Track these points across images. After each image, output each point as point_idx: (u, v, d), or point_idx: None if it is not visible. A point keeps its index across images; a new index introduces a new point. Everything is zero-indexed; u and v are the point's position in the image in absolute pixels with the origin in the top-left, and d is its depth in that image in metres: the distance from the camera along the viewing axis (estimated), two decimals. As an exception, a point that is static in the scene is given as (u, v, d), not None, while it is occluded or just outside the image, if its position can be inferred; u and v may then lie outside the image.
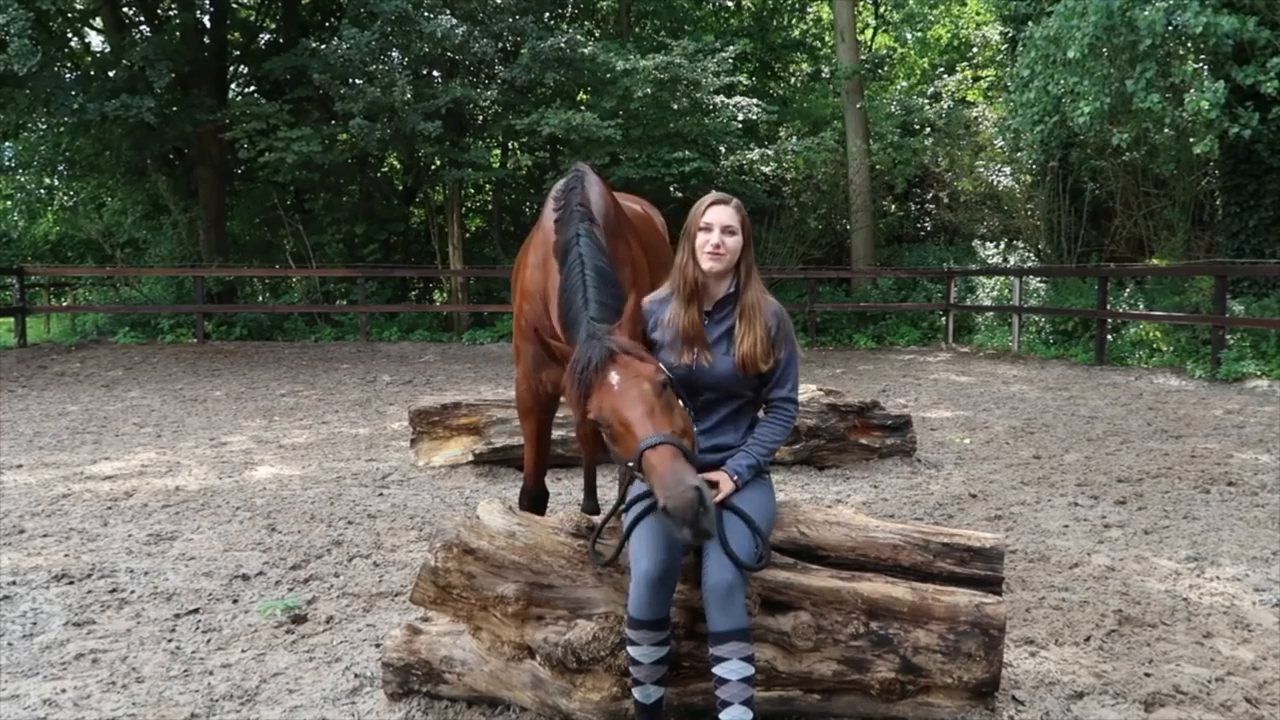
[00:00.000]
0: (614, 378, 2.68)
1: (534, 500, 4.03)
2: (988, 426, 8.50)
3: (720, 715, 2.58)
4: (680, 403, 2.80)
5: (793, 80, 24.83)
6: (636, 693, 2.70)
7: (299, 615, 3.88)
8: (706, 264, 2.89)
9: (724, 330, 2.94)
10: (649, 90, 16.42)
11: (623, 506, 2.92)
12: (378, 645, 3.53)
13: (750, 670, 2.59)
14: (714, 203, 2.94)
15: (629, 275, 3.52)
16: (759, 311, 2.92)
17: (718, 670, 2.59)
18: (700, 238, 2.91)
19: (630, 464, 2.60)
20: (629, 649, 2.68)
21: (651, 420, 2.57)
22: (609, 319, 2.91)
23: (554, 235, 3.37)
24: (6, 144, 21.25)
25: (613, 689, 2.83)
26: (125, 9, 18.90)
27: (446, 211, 19.22)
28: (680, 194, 17.90)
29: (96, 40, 20.52)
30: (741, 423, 2.99)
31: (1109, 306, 14.04)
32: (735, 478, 2.80)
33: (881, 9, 23.70)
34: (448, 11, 16.18)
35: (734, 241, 2.90)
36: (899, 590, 2.93)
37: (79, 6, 18.49)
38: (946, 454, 7.27)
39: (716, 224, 2.89)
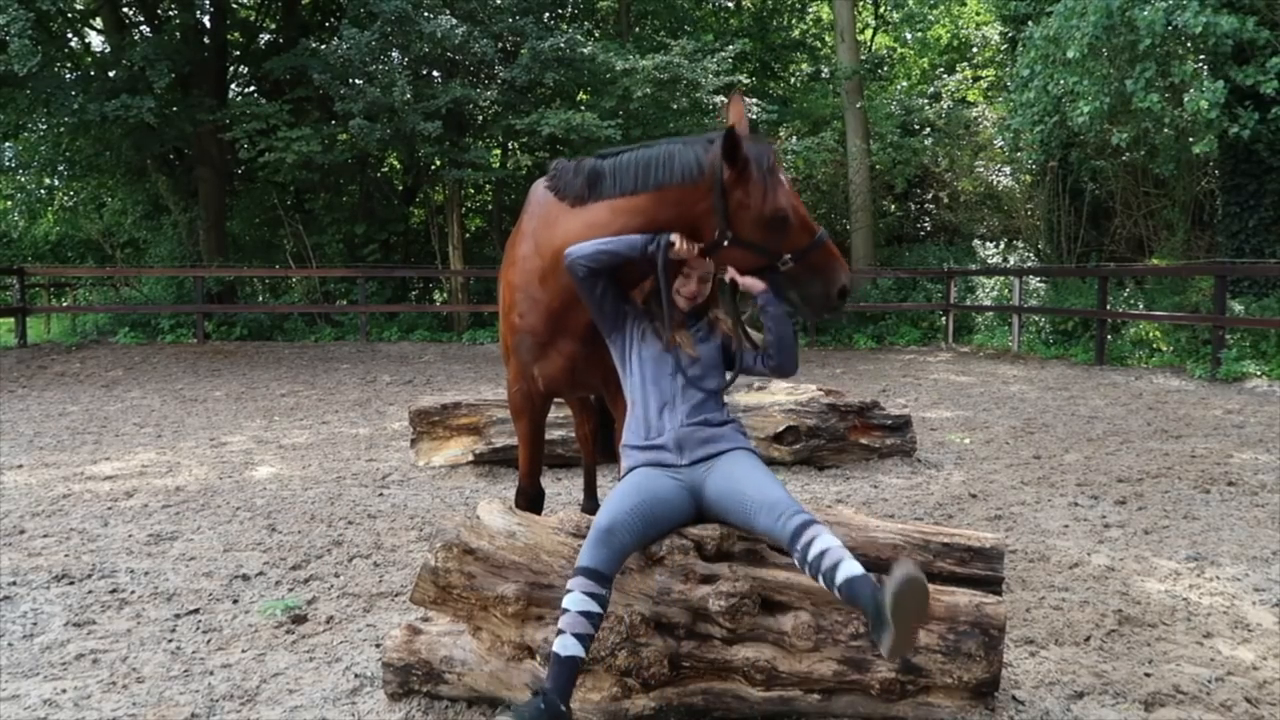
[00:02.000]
0: (784, 176, 2.86)
1: (530, 500, 4.02)
2: (988, 426, 8.50)
3: (836, 576, 2.61)
4: None
5: (793, 80, 24.82)
6: (556, 643, 2.64)
7: (299, 615, 3.88)
8: (683, 305, 3.20)
9: (700, 321, 3.27)
10: (649, 90, 16.41)
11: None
12: (378, 645, 3.53)
13: (837, 541, 2.69)
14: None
15: None
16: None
17: (815, 547, 2.65)
18: (679, 281, 3.18)
19: (789, 257, 2.91)
20: (564, 600, 2.69)
21: None
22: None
23: (556, 201, 3.33)
24: (7, 144, 21.27)
25: (613, 689, 2.83)
26: (125, 9, 18.90)
27: (446, 211, 19.22)
28: None
29: (96, 40, 20.54)
30: (720, 402, 3.22)
31: (1109, 306, 14.04)
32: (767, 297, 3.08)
33: (881, 9, 23.70)
34: (448, 11, 16.18)
35: (707, 289, 3.22)
36: (899, 590, 2.93)
37: (79, 6, 18.49)
38: (946, 454, 7.28)
39: (695, 273, 3.16)
